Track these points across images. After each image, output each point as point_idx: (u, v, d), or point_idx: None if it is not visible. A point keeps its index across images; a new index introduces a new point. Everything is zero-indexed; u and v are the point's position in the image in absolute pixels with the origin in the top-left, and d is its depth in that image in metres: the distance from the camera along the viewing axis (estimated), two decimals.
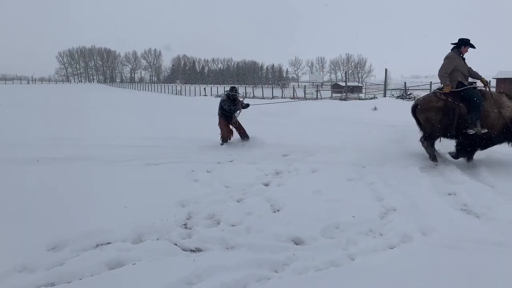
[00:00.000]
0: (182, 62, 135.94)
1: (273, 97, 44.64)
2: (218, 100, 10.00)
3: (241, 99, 9.74)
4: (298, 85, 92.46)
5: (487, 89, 6.72)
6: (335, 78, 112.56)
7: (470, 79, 6.85)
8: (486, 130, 6.21)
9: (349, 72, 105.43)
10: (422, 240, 3.55)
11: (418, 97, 7.10)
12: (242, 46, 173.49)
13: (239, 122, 9.26)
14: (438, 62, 6.93)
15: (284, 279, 2.86)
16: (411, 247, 3.39)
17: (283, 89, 54.87)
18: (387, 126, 13.57)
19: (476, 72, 6.85)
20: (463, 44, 6.68)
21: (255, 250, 3.34)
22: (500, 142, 6.57)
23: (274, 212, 4.38)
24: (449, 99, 6.50)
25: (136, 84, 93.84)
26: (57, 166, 6.45)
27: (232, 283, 2.80)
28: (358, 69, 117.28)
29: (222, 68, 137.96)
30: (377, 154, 7.82)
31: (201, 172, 6.15)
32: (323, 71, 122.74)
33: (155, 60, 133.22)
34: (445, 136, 6.80)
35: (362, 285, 2.78)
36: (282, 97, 44.74)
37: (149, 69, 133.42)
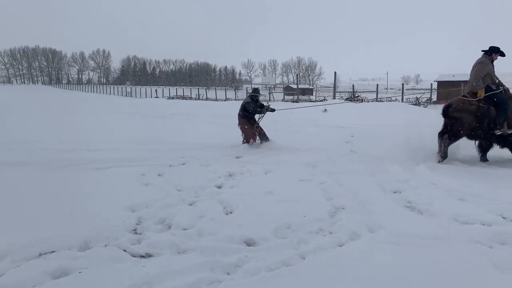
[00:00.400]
0: (132, 63, 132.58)
1: (226, 99, 44.59)
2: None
3: (266, 104, 9.77)
4: (251, 87, 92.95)
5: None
6: (287, 81, 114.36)
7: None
8: None
9: (301, 74, 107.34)
10: (370, 237, 3.66)
11: (451, 100, 7.58)
12: (195, 47, 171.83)
13: (259, 125, 9.30)
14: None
15: (236, 281, 2.86)
16: (359, 244, 3.49)
17: (236, 91, 54.96)
18: (336, 127, 13.98)
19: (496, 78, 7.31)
20: (494, 52, 7.15)
21: (207, 253, 3.30)
22: None
23: (227, 214, 4.37)
24: (481, 104, 6.92)
25: (84, 85, 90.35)
26: None
27: (183, 287, 2.75)
28: (309, 72, 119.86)
29: (174, 69, 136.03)
30: (328, 155, 8.04)
31: (152, 175, 6.01)
32: (275, 74, 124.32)
33: (104, 61, 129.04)
34: (469, 137, 7.20)
35: (312, 283, 2.82)
36: (235, 99, 44.77)
37: (98, 70, 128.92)
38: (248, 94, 10.01)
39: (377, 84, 37.21)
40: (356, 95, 33.28)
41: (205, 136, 11.01)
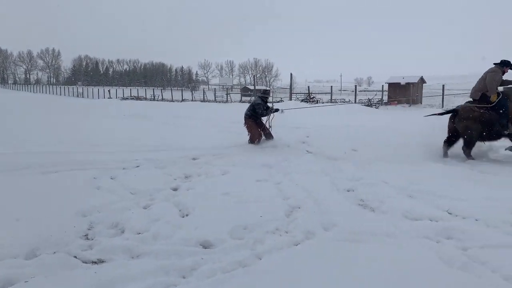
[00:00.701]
0: (84, 63, 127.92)
1: (183, 100, 44.05)
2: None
3: (270, 105, 9.93)
4: (208, 88, 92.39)
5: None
6: (244, 82, 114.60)
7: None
8: None
9: (257, 76, 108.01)
10: (324, 235, 3.74)
11: (457, 107, 8.28)
12: (149, 47, 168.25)
13: (264, 124, 9.61)
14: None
15: (192, 284, 2.82)
16: (314, 243, 3.56)
17: (193, 91, 54.41)
18: (292, 128, 14.16)
19: (509, 81, 7.91)
20: (505, 65, 7.75)
21: (162, 257, 3.24)
22: None
23: (183, 216, 4.30)
24: (482, 110, 7.57)
25: (32, 86, 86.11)
26: None
27: None
28: (266, 73, 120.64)
29: (128, 69, 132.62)
30: (284, 155, 8.13)
31: (104, 178, 5.81)
32: (232, 75, 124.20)
33: (54, 61, 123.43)
34: (481, 139, 7.76)
35: (268, 283, 2.84)
36: (192, 100, 44.33)
37: (47, 70, 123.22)
38: (258, 95, 10.19)
39: (331, 86, 38.22)
40: (312, 96, 33.93)
41: (161, 137, 10.82)
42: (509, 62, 7.83)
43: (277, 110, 9.84)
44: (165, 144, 9.39)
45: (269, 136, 9.58)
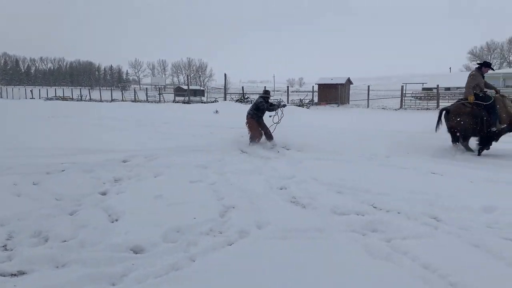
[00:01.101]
0: (2, 61, 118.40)
1: (112, 100, 42.39)
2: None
3: (276, 102, 10.04)
4: (140, 87, 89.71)
5: (498, 95, 8.54)
6: (177, 81, 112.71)
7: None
8: (505, 125, 8.13)
9: (191, 75, 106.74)
10: (258, 234, 3.79)
11: (449, 106, 9.04)
12: (76, 45, 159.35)
13: (265, 125, 9.75)
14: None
15: None
16: (248, 242, 3.59)
17: (123, 91, 52.50)
18: (227, 128, 14.20)
19: (490, 84, 8.88)
20: (484, 66, 8.65)
21: (90, 264, 3.08)
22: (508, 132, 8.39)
23: (112, 222, 4.14)
24: (474, 107, 8.26)
25: None
26: None
27: None
28: (200, 73, 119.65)
29: (52, 68, 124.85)
30: (219, 155, 8.12)
31: (25, 184, 5.41)
32: (165, 74, 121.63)
33: None
34: (473, 134, 8.41)
35: (201, 284, 2.82)
36: (122, 100, 42.79)
37: None
38: (259, 95, 10.56)
39: (265, 86, 38.87)
40: (246, 96, 34.22)
41: (88, 139, 10.32)
42: (487, 63, 8.76)
43: (285, 105, 10.28)
44: (93, 147, 8.97)
45: (269, 137, 9.70)
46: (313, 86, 35.39)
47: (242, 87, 37.48)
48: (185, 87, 49.34)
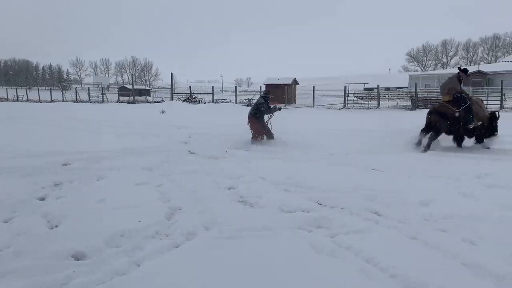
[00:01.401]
0: None
1: (52, 101, 40.34)
2: None
3: (272, 105, 10.59)
4: (82, 87, 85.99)
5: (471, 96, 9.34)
6: (121, 81, 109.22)
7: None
8: (481, 122, 8.87)
9: (136, 75, 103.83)
10: (205, 235, 3.76)
11: (433, 106, 9.94)
12: (10, 43, 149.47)
13: (265, 124, 10.31)
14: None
15: None
16: (195, 243, 3.56)
17: (64, 91, 50.07)
18: (174, 127, 13.99)
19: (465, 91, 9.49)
20: (460, 71, 9.38)
21: (27, 274, 2.92)
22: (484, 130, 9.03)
23: (52, 228, 3.94)
24: (454, 108, 8.92)
25: None
26: None
27: None
28: (145, 73, 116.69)
29: None
30: (166, 156, 7.98)
31: None
32: (108, 74, 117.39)
33: None
34: (447, 133, 9.15)
35: None
36: (63, 100, 40.84)
37: None
38: (260, 96, 11.16)
39: (213, 86, 38.72)
40: (194, 96, 33.88)
41: (25, 141, 9.75)
42: (464, 69, 9.52)
43: (280, 108, 10.75)
44: (31, 149, 8.48)
45: (270, 135, 10.21)
46: (260, 86, 35.68)
47: (190, 87, 37.05)
48: (130, 87, 47.94)
